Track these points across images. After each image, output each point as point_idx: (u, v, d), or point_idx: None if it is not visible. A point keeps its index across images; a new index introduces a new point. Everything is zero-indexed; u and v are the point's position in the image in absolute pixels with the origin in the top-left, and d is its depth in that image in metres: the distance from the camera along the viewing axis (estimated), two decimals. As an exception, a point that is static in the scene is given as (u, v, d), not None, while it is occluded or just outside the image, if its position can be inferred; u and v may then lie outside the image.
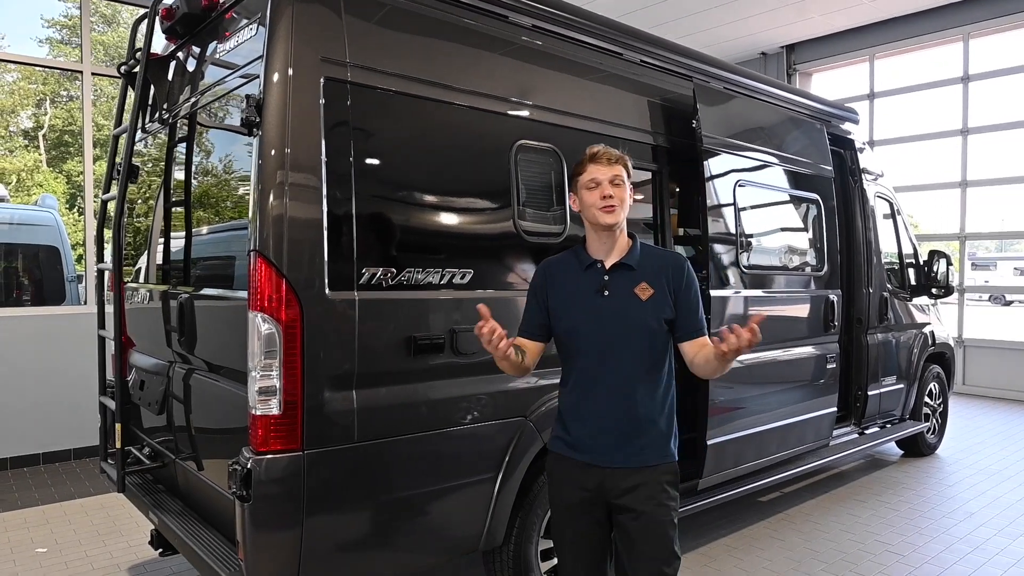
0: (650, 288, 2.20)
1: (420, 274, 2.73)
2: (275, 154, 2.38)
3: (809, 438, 4.61)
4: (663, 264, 2.26)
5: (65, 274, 8.50)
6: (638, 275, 2.22)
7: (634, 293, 2.20)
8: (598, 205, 2.20)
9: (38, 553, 4.12)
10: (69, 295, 8.48)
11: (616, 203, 2.19)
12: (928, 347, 6.12)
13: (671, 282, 2.23)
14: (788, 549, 4.18)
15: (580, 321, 2.23)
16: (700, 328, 2.24)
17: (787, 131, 4.68)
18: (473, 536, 2.91)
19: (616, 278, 2.23)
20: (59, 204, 13.28)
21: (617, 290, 2.21)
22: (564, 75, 3.38)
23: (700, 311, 2.25)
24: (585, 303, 2.23)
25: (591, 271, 2.26)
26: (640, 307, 2.19)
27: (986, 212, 9.95)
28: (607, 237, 2.24)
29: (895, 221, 5.99)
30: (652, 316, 2.19)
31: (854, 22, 10.08)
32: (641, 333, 2.18)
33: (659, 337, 2.20)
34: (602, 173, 2.20)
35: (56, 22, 21.89)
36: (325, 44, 2.52)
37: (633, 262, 2.24)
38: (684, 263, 2.28)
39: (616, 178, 2.20)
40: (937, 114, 9.93)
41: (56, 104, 22.80)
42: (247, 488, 2.34)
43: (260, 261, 2.36)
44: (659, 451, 2.21)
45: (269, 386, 2.37)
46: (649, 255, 2.29)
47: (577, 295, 2.25)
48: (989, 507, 4.91)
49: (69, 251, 8.83)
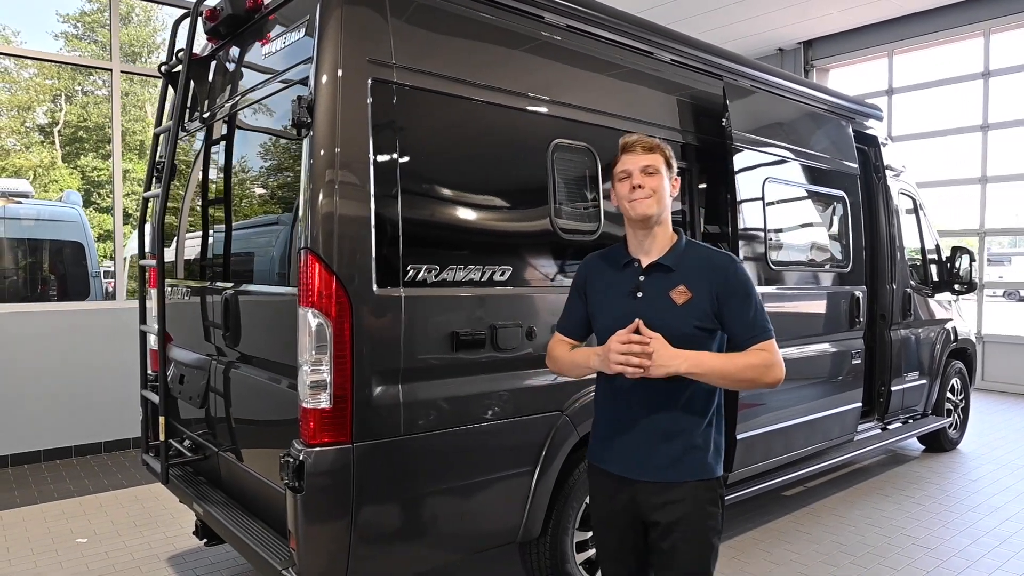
0: (688, 292, 2.01)
1: (462, 271, 2.78)
2: (326, 154, 2.44)
3: (834, 433, 4.65)
4: (708, 265, 2.05)
5: (89, 269, 8.63)
6: (676, 276, 2.04)
7: (669, 296, 2.02)
8: (628, 197, 2.05)
9: (79, 543, 4.22)
10: (93, 290, 8.62)
11: (646, 193, 2.01)
12: (950, 343, 6.14)
13: (715, 286, 2.01)
14: (815, 542, 4.23)
15: (611, 323, 2.05)
16: (754, 335, 1.99)
17: (814, 128, 4.71)
18: (511, 528, 2.97)
19: (652, 279, 2.06)
20: (77, 200, 13.46)
21: (651, 292, 2.05)
22: (597, 74, 3.42)
23: (755, 316, 2.00)
24: (618, 304, 2.09)
25: (627, 270, 2.12)
26: (675, 312, 2.00)
27: (1004, 208, 9.91)
28: (643, 233, 2.08)
29: (917, 217, 6.00)
30: (688, 322, 1.99)
31: (873, 18, 10.05)
32: (675, 340, 1.95)
33: (696, 344, 1.98)
34: (633, 162, 2.04)
35: (72, 17, 22.04)
36: (372, 46, 2.57)
37: (671, 262, 2.06)
38: (732, 264, 2.07)
39: (649, 167, 2.03)
40: (957, 110, 9.89)
41: (71, 100, 22.98)
42: (300, 479, 2.41)
43: (311, 258, 2.42)
44: (695, 466, 2.03)
45: (320, 380, 2.44)
46: (693, 255, 2.09)
47: (612, 295, 2.12)
48: (1014, 502, 4.94)
49: (93, 247, 8.96)
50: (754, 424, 3.94)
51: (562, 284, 3.13)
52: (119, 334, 6.17)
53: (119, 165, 6.27)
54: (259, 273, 3.07)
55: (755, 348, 1.99)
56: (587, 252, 3.18)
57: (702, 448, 2.05)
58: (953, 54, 9.92)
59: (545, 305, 3.05)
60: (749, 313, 2.01)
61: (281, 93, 2.84)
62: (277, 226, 2.93)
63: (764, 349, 1.98)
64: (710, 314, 2.01)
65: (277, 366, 2.85)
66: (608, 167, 3.31)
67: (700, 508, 2.03)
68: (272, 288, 2.92)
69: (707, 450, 2.06)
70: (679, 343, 1.96)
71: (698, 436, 2.05)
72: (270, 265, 2.98)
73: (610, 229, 3.32)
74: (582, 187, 3.27)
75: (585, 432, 3.16)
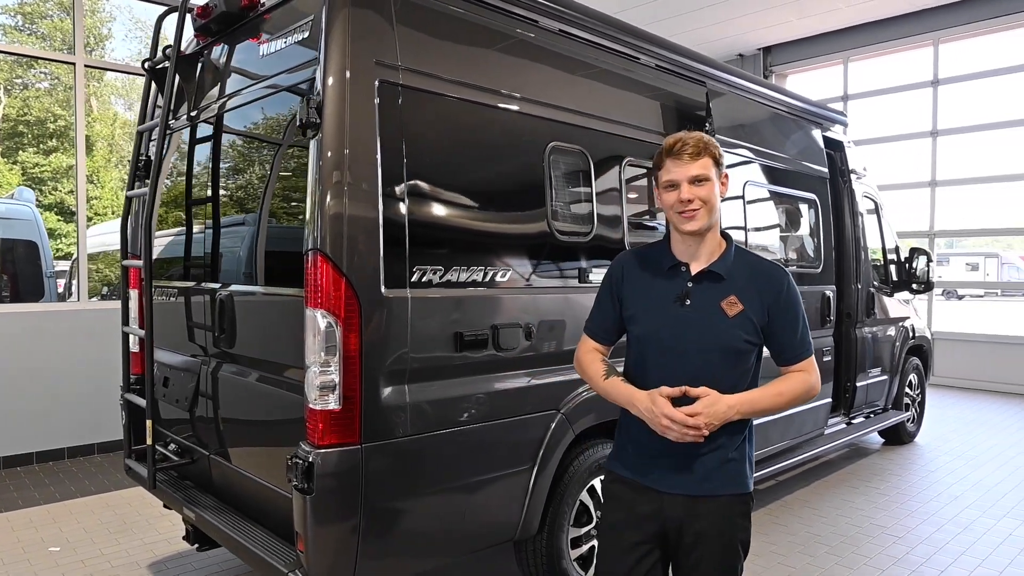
0: (740, 303, 1.93)
1: (465, 272, 2.81)
2: (335, 155, 2.44)
3: (808, 428, 4.82)
4: (760, 277, 1.98)
5: (44, 269, 8.33)
6: (727, 286, 1.96)
7: (720, 307, 1.94)
8: (676, 210, 1.94)
9: (52, 552, 4.09)
10: (48, 291, 8.32)
11: (697, 206, 1.91)
12: (909, 340, 6.41)
13: (766, 298, 1.95)
14: (791, 534, 4.38)
15: (654, 330, 1.99)
16: (800, 353, 1.97)
17: (789, 134, 4.88)
18: (511, 525, 3.01)
19: (701, 287, 1.97)
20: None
21: (701, 301, 1.96)
22: (591, 79, 3.48)
23: (802, 334, 1.98)
24: (662, 310, 1.99)
25: (673, 274, 2.02)
26: (725, 324, 1.93)
27: (950, 210, 10.37)
28: (693, 240, 1.98)
29: (878, 219, 6.25)
30: (737, 335, 1.93)
31: (829, 26, 10.40)
32: (723, 353, 1.92)
33: (743, 358, 1.95)
34: (681, 172, 1.92)
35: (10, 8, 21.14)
36: (378, 47, 2.58)
37: (723, 270, 1.97)
38: (785, 277, 1.99)
39: (698, 177, 1.91)
40: (908, 116, 10.32)
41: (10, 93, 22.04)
42: (309, 481, 2.40)
43: (321, 260, 2.41)
44: (729, 479, 1.98)
45: (329, 381, 2.43)
46: (744, 263, 2.01)
47: (654, 299, 2.02)
48: (971, 490, 5.19)
49: (47, 246, 8.65)
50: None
51: (559, 285, 3.18)
52: (82, 336, 5.98)
53: (83, 161, 6.08)
54: (259, 274, 3.04)
55: (796, 370, 1.98)
56: (581, 253, 3.30)
57: (737, 461, 2.00)
58: (905, 62, 10.34)
59: (543, 305, 3.10)
60: (798, 331, 1.98)
61: (281, 93, 2.82)
62: (280, 227, 2.90)
63: (805, 370, 1.98)
64: (759, 328, 1.95)
65: (278, 367, 2.83)
66: (599, 170, 3.38)
67: (732, 522, 1.99)
68: (273, 289, 2.90)
69: (743, 462, 2.02)
70: (727, 356, 1.93)
71: (736, 449, 2.00)
72: (271, 266, 2.95)
73: (603, 231, 3.39)
74: (577, 190, 3.33)
75: (581, 430, 3.22)
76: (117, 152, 20.91)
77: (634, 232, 3.57)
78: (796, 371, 1.99)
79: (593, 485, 3.34)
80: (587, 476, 3.30)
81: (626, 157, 3.54)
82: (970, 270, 33.19)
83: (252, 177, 3.09)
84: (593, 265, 3.33)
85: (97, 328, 6.03)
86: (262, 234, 3.01)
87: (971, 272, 32.94)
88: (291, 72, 2.74)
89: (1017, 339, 9.56)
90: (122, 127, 21.57)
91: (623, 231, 3.50)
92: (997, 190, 10.00)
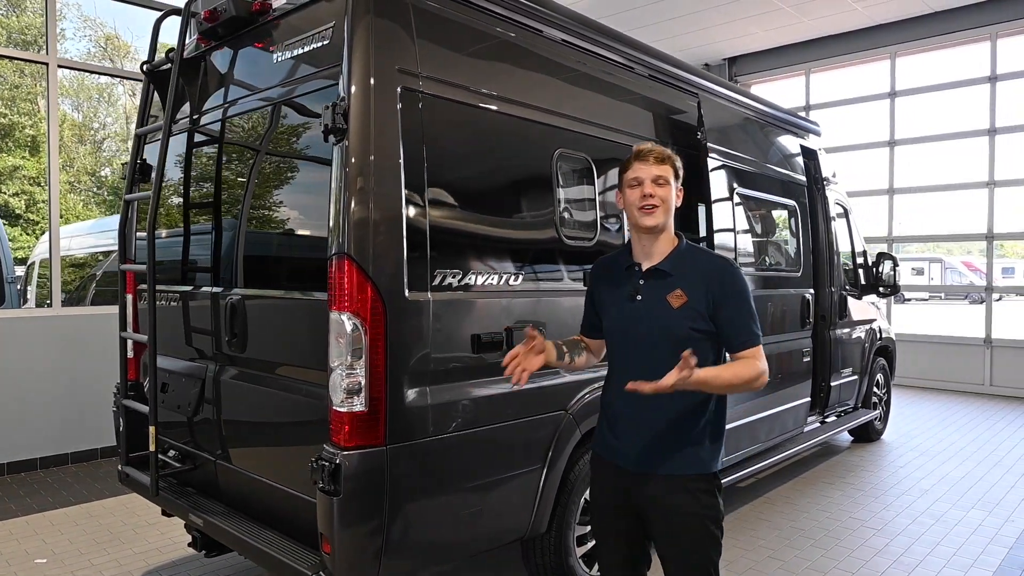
0: (684, 295, 2.11)
1: (483, 276, 2.87)
2: (360, 160, 2.47)
3: (789, 426, 5.00)
4: (705, 269, 2.15)
5: (4, 275, 8.06)
6: (673, 281, 2.13)
7: (666, 300, 2.12)
8: (637, 204, 2.13)
9: (38, 564, 3.98)
10: (9, 297, 8.05)
11: (656, 203, 2.11)
12: (876, 341, 6.68)
13: (711, 289, 2.10)
14: (776, 528, 4.53)
15: (614, 324, 2.23)
16: (744, 341, 2.09)
17: (772, 142, 5.07)
18: (523, 523, 3.07)
19: (650, 283, 2.17)
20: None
21: (649, 296, 2.15)
22: (590, 89, 3.58)
23: (747, 321, 2.10)
24: (620, 306, 2.22)
25: (629, 274, 2.23)
26: (670, 315, 2.11)
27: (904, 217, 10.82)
28: (647, 239, 2.18)
29: (848, 224, 6.50)
30: (683, 324, 2.09)
31: (792, 38, 10.76)
32: (671, 341, 2.07)
33: (692, 345, 1.97)
34: (645, 172, 2.13)
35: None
36: (400, 54, 2.62)
37: (669, 267, 2.16)
38: (729, 269, 2.17)
39: (660, 178, 2.12)
40: (867, 126, 10.73)
41: (-41, 93, 21.19)
42: (336, 483, 2.42)
43: (347, 263, 2.44)
44: (691, 460, 2.12)
45: (354, 384, 2.46)
46: (691, 259, 2.18)
47: (615, 298, 2.24)
48: (940, 484, 5.44)
49: (8, 251, 8.38)
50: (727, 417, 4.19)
51: (565, 288, 3.26)
52: (57, 344, 5.82)
53: (55, 162, 5.92)
54: (272, 278, 3.04)
55: (744, 356, 2.08)
56: (587, 257, 3.39)
57: (699, 443, 2.13)
58: (864, 75, 10.75)
59: (552, 307, 3.18)
60: (742, 318, 2.11)
61: (296, 98, 2.84)
62: (292, 230, 2.91)
63: (753, 356, 2.07)
64: (705, 317, 2.10)
65: (295, 370, 2.83)
66: (601, 176, 3.48)
67: (696, 499, 2.11)
68: (288, 293, 2.90)
69: (704, 445, 2.14)
70: (677, 345, 2.00)
71: (697, 432, 2.13)
72: (287, 270, 2.95)
73: (606, 237, 3.48)
74: (581, 195, 3.41)
75: (587, 429, 3.30)
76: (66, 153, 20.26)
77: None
78: (743, 358, 2.09)
79: (597, 484, 3.42)
80: (592, 475, 3.37)
81: (626, 164, 3.64)
82: (915, 274, 34.51)
83: (263, 181, 3.09)
84: (597, 269, 3.41)
85: (73, 335, 5.88)
86: (276, 237, 3.01)
87: (916, 276, 34.25)
88: (310, 78, 2.76)
89: (965, 340, 10.02)
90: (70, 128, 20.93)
91: (624, 236, 3.60)
92: (948, 197, 10.47)
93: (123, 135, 18.19)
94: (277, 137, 3.02)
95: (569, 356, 2.35)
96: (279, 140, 3.02)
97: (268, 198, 3.05)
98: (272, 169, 3.04)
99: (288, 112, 2.94)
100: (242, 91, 3.17)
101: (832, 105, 11.17)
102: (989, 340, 9.66)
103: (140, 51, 17.36)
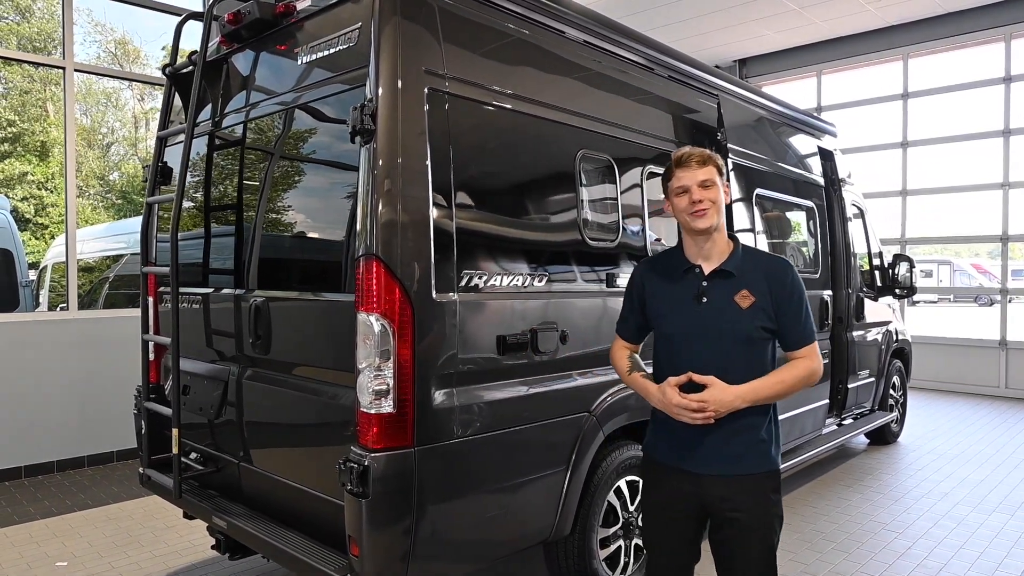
0: (751, 296, 2.15)
1: (507, 277, 2.86)
2: (388, 161, 2.47)
3: (809, 428, 4.96)
4: (766, 270, 2.20)
5: (19, 279, 8.10)
6: (739, 282, 2.18)
7: (734, 301, 2.16)
8: (688, 211, 2.18)
9: (59, 567, 3.99)
10: (23, 301, 8.08)
11: (707, 206, 2.15)
12: (892, 343, 6.64)
13: (773, 289, 2.17)
14: (796, 531, 4.50)
15: (678, 328, 2.23)
16: (802, 339, 2.17)
17: (791, 144, 5.05)
18: (547, 526, 3.05)
19: (715, 284, 2.20)
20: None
21: (716, 297, 2.18)
22: (612, 90, 3.56)
23: (805, 321, 2.18)
24: (683, 309, 2.22)
25: (689, 276, 2.24)
26: (740, 316, 2.15)
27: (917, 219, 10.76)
28: (703, 241, 2.22)
29: (864, 225, 6.46)
30: (752, 325, 2.14)
31: (803, 40, 10.74)
32: (740, 342, 2.14)
33: (759, 345, 2.17)
34: (690, 177, 2.17)
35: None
36: (426, 55, 2.62)
37: (733, 268, 2.20)
38: (788, 269, 2.23)
39: (705, 181, 2.17)
40: (879, 127, 10.69)
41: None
42: (365, 485, 2.41)
43: (376, 264, 2.43)
44: (759, 458, 2.18)
45: (383, 385, 2.45)
46: (751, 260, 2.25)
47: (675, 301, 2.25)
48: (959, 487, 5.40)
49: (23, 254, 8.41)
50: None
51: (589, 289, 3.25)
52: (74, 347, 5.84)
53: (72, 167, 5.95)
54: (297, 279, 3.04)
55: (800, 356, 2.18)
56: (610, 259, 3.38)
57: (765, 441, 2.20)
58: (876, 76, 10.72)
59: (576, 309, 3.17)
60: (801, 318, 2.19)
61: (322, 100, 2.84)
62: (318, 231, 2.91)
63: (807, 356, 2.17)
64: (772, 316, 2.17)
65: (323, 372, 2.83)
66: (623, 178, 3.47)
67: (765, 497, 2.18)
68: (314, 294, 2.90)
69: (771, 442, 2.22)
70: (743, 346, 2.15)
71: (763, 430, 2.20)
72: (313, 271, 2.95)
73: (627, 240, 3.47)
74: (604, 197, 3.41)
75: (610, 431, 3.28)
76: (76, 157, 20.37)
77: (655, 237, 3.66)
78: (799, 357, 2.18)
79: (619, 486, 3.40)
80: (615, 477, 3.36)
81: (648, 165, 3.63)
82: (924, 276, 34.38)
83: (287, 184, 3.09)
84: (619, 271, 3.40)
85: (90, 338, 5.90)
86: (301, 239, 3.01)
87: (925, 279, 34.13)
88: (335, 80, 2.76)
89: (980, 342, 9.95)
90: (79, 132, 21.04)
91: (645, 237, 3.58)
92: (961, 199, 10.41)
93: (131, 140, 18.30)
94: (301, 139, 3.02)
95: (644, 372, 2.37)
96: (303, 142, 3.02)
97: (292, 200, 3.05)
98: (296, 171, 3.04)
99: (313, 114, 2.94)
100: (265, 94, 3.17)
101: (844, 107, 11.13)
102: (1004, 342, 9.60)
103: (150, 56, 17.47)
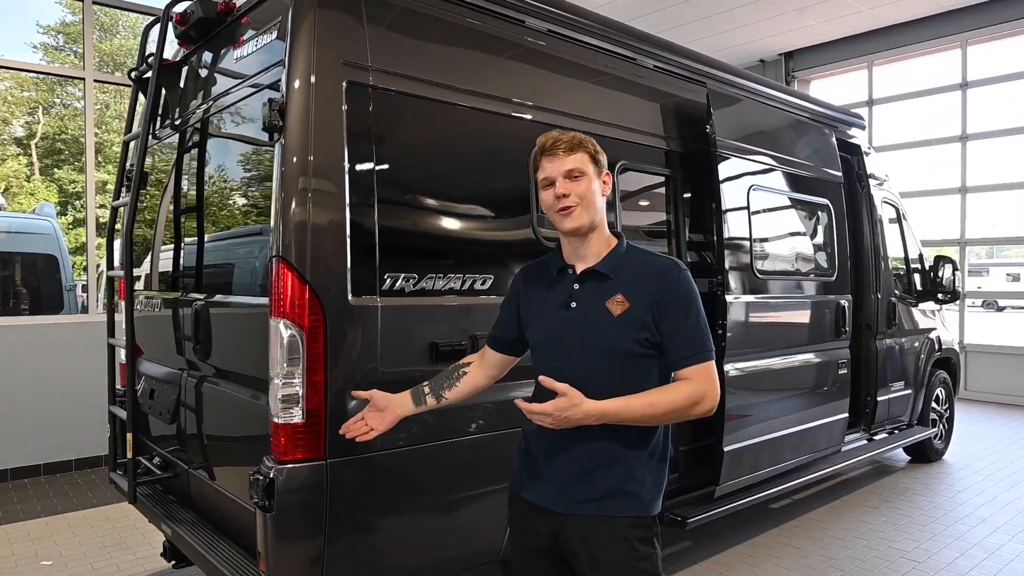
0: (626, 301, 1.80)
1: (442, 280, 2.70)
2: (298, 160, 2.35)
3: (822, 444, 4.59)
4: (650, 272, 1.84)
5: (64, 283, 8.44)
6: (614, 285, 1.84)
7: (605, 307, 1.82)
8: (554, 208, 1.84)
9: (43, 566, 4.05)
10: (68, 304, 8.42)
11: (572, 202, 1.81)
12: (935, 352, 6.13)
13: (655, 294, 1.80)
14: (802, 556, 4.15)
15: (541, 337, 1.92)
16: (687, 356, 1.78)
17: (797, 136, 4.69)
18: (493, 546, 2.86)
19: (587, 287, 1.87)
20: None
21: (586, 302, 1.85)
22: (576, 79, 3.36)
23: (694, 331, 1.79)
24: (551, 315, 1.90)
25: (562, 278, 1.93)
26: (610, 324, 1.80)
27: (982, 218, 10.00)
28: (576, 240, 1.88)
29: (900, 226, 5.99)
30: (625, 336, 1.79)
31: (852, 29, 10.14)
32: (609, 356, 1.80)
33: (637, 361, 1.80)
34: (555, 167, 1.82)
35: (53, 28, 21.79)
36: (347, 47, 2.49)
37: (608, 268, 1.86)
38: (676, 271, 1.84)
39: (573, 171, 1.81)
40: (936, 120, 9.99)
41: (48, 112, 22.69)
42: (269, 498, 2.30)
43: (283, 267, 2.32)
44: (626, 501, 1.81)
45: (291, 394, 2.33)
46: (633, 261, 1.88)
47: (545, 305, 1.93)
48: (1001, 512, 4.90)
49: (67, 260, 8.76)
50: (741, 436, 3.86)
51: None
52: (92, 348, 5.99)
53: (92, 176, 6.12)
54: (229, 283, 2.97)
55: (684, 377, 1.78)
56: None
57: (639, 481, 1.83)
58: (931, 65, 10.03)
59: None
60: (688, 327, 1.79)
61: (253, 98, 2.75)
62: (248, 235, 2.82)
63: (693, 378, 1.77)
64: (650, 326, 1.79)
65: (248, 379, 2.74)
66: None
67: (631, 549, 1.81)
68: (243, 299, 2.82)
69: (645, 483, 1.83)
70: (614, 358, 1.79)
71: (637, 469, 1.82)
72: (242, 275, 2.87)
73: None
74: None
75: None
76: (114, 164, 21.34)
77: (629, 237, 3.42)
78: (683, 378, 1.79)
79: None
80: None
81: (619, 161, 3.40)
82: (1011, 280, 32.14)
83: (229, 185, 3.02)
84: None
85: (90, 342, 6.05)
86: (235, 243, 2.94)
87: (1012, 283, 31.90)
88: (258, 75, 2.67)
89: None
90: (118, 140, 22.05)
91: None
92: None
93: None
94: (234, 141, 2.95)
95: (432, 397, 2.07)
96: (236, 144, 2.94)
97: (226, 202, 2.98)
98: (233, 171, 2.97)
99: (243, 115, 2.86)
100: (213, 94, 3.12)
101: (897, 99, 10.45)
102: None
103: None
